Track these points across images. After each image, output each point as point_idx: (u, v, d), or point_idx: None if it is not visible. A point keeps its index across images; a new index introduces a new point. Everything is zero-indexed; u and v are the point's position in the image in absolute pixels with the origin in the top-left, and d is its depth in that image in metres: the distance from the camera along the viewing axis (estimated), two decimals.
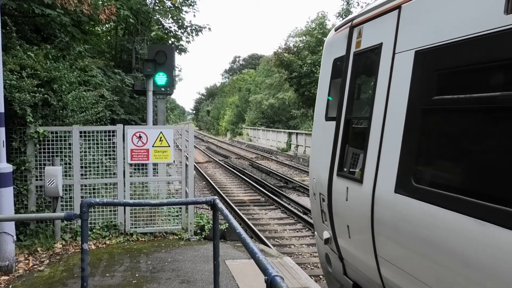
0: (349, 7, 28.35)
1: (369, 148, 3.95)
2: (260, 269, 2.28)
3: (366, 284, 4.40)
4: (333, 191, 4.65)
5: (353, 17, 4.71)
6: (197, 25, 18.72)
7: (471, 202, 2.66)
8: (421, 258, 3.27)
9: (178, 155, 9.77)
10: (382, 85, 3.91)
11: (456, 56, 3.06)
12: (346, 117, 4.54)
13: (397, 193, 3.43)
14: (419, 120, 3.37)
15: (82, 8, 8.90)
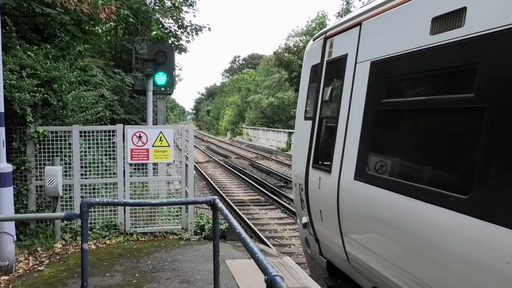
0: (349, 7, 28.33)
1: (336, 143, 4.63)
2: (260, 268, 2.28)
3: (336, 261, 5.11)
4: (309, 181, 5.34)
5: (327, 30, 5.42)
6: (197, 25, 18.73)
7: (404, 184, 3.43)
8: (373, 232, 4.03)
9: (178, 155, 9.76)
10: (347, 89, 4.59)
11: (396, 67, 3.79)
12: (320, 117, 5.26)
13: (355, 180, 4.14)
14: (372, 119, 4.07)
15: (82, 7, 8.90)
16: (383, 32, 4.11)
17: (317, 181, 5.06)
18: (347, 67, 4.67)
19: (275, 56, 35.56)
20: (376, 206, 3.85)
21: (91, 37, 13.87)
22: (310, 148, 5.37)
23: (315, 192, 5.19)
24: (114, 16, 10.33)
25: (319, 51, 5.49)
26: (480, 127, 2.78)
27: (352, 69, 4.55)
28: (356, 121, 4.26)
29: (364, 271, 4.34)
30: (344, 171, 4.39)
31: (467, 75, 3.00)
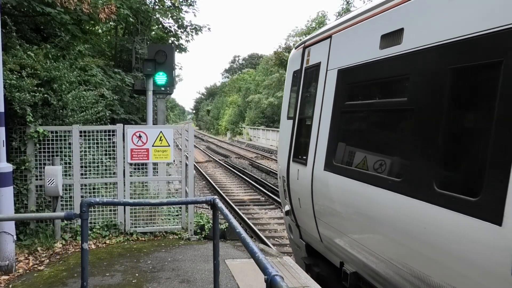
0: (349, 6, 28.34)
1: (311, 139, 5.39)
2: (260, 268, 2.28)
3: (313, 243, 5.85)
4: (290, 173, 6.10)
5: (306, 40, 6.17)
6: (197, 25, 18.75)
7: (359, 172, 4.19)
8: (337, 214, 4.76)
9: (178, 154, 9.76)
10: (320, 93, 5.31)
11: (356, 74, 4.55)
12: (299, 117, 6.05)
13: (325, 170, 4.91)
14: (338, 118, 4.85)
15: (82, 7, 8.90)
16: (347, 44, 4.90)
17: (296, 173, 5.86)
18: (320, 74, 5.42)
19: (275, 56, 35.61)
20: (340, 191, 4.63)
21: (91, 37, 13.88)
22: (291, 145, 6.17)
23: (294, 183, 5.96)
24: (114, 16, 10.33)
25: (299, 59, 6.25)
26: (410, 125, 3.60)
27: (324, 75, 5.29)
28: (326, 120, 5.05)
29: (333, 249, 5.15)
30: (317, 163, 5.18)
31: (403, 83, 3.80)
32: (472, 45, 2.97)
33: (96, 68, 10.66)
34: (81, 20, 10.07)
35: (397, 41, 3.84)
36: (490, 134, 2.76)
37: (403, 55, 3.69)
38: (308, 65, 5.91)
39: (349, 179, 4.36)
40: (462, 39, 3.05)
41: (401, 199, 3.47)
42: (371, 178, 3.97)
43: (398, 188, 3.54)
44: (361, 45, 4.51)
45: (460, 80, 3.17)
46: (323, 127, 5.13)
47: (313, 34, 6.09)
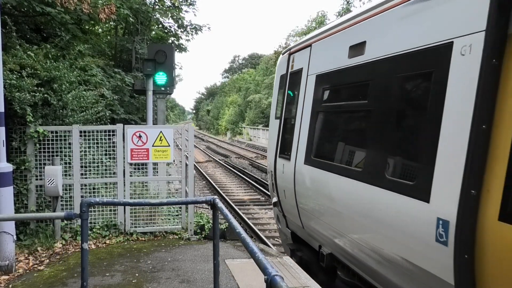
0: (349, 6, 28.33)
1: (294, 137, 6.10)
2: (260, 268, 2.28)
3: (296, 230, 6.52)
4: (276, 168, 6.80)
5: (292, 47, 6.90)
6: (197, 24, 18.77)
7: (330, 164, 4.87)
8: (315, 202, 5.41)
9: (178, 154, 9.76)
10: (301, 95, 6.00)
11: (330, 79, 5.25)
12: (284, 117, 6.75)
13: (305, 164, 5.62)
14: (315, 118, 5.51)
15: (82, 7, 8.90)
16: (324, 52, 5.57)
17: (282, 167, 6.55)
18: (302, 78, 6.09)
19: (276, 56, 35.61)
20: (316, 182, 5.36)
21: (91, 37, 13.89)
22: (277, 142, 6.88)
23: (280, 176, 6.65)
24: (114, 16, 10.34)
25: (285, 64, 6.93)
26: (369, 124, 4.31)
27: (305, 80, 5.96)
28: (306, 120, 5.76)
29: (313, 234, 5.80)
30: (298, 158, 5.88)
31: (365, 88, 4.41)
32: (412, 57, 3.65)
33: (96, 68, 10.65)
34: (81, 20, 10.08)
35: (361, 52, 4.52)
36: (422, 133, 3.48)
37: (365, 64, 4.41)
38: (293, 70, 6.61)
39: (323, 171, 5.08)
40: (405, 52, 3.73)
41: (362, 186, 4.15)
42: (340, 169, 4.68)
43: (360, 177, 4.25)
44: (334, 54, 5.19)
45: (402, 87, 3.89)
46: (304, 126, 5.84)
47: (297, 42, 6.83)
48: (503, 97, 2.85)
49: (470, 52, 3.09)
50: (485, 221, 2.89)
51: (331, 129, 5.36)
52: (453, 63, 3.23)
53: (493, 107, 2.91)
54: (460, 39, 3.19)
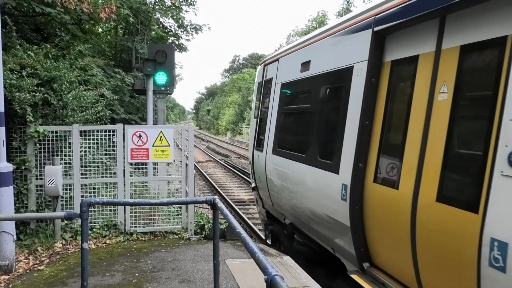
0: (349, 6, 28.32)
1: (266, 133, 7.55)
2: (260, 268, 2.28)
3: (269, 209, 7.98)
4: (254, 158, 8.33)
5: (266, 59, 8.39)
6: (197, 24, 18.76)
7: (286, 153, 6.35)
8: (279, 183, 6.80)
9: (178, 154, 9.76)
10: (271, 100, 7.49)
11: (288, 88, 6.74)
12: (260, 117, 8.28)
13: (272, 154, 7.08)
14: (280, 118, 7.01)
15: (82, 6, 8.90)
16: (286, 66, 7.04)
17: (257, 157, 8.03)
18: (272, 85, 7.58)
19: None
20: (278, 167, 6.82)
21: (91, 37, 13.89)
22: (254, 137, 8.44)
23: (256, 165, 8.13)
24: (114, 16, 10.33)
25: (261, 73, 8.45)
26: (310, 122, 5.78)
27: (274, 87, 7.45)
28: (274, 119, 7.25)
29: (279, 209, 7.24)
30: (268, 149, 7.32)
31: (309, 96, 5.96)
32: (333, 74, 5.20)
33: (96, 68, 10.65)
34: (81, 20, 10.07)
35: (308, 68, 6.00)
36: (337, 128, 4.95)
37: (310, 77, 5.89)
38: (266, 78, 8.11)
39: (283, 158, 6.59)
40: (331, 70, 5.28)
41: (305, 167, 5.67)
42: (293, 156, 6.18)
43: (304, 160, 5.74)
44: (292, 68, 6.63)
45: (327, 95, 5.46)
46: (272, 124, 7.35)
47: (270, 56, 8.31)
48: (378, 103, 4.36)
49: (361, 74, 4.54)
50: (366, 184, 4.40)
51: (289, 126, 6.86)
52: (353, 80, 4.68)
53: (373, 110, 4.40)
54: (356, 64, 4.66)
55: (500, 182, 2.76)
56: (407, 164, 3.82)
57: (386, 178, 4.12)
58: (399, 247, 3.88)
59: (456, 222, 3.16)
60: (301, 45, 6.48)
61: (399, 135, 4.04)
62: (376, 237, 4.36)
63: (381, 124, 4.25)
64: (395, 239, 3.96)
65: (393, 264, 4.19)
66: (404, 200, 3.76)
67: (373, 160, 4.31)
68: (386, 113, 4.25)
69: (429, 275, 3.56)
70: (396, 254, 4.01)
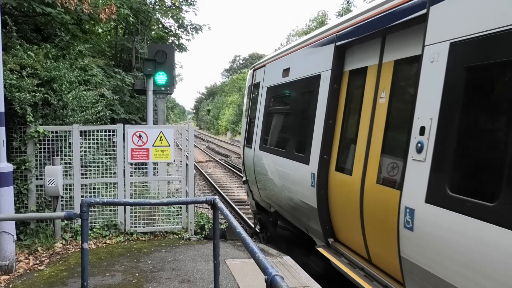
0: (349, 6, 28.31)
1: (254, 132, 8.41)
2: (260, 268, 2.28)
3: (259, 200, 8.81)
4: (244, 154, 9.23)
5: (255, 65, 9.34)
6: (197, 24, 18.77)
7: (272, 149, 7.17)
8: (265, 176, 7.61)
9: (178, 154, 9.77)
10: (259, 101, 8.34)
11: (273, 91, 7.55)
12: (249, 117, 9.24)
13: (259, 150, 7.92)
14: (265, 117, 7.86)
15: (82, 7, 8.90)
16: (271, 71, 7.85)
17: (247, 153, 8.92)
18: (259, 89, 8.46)
19: None
20: (264, 161, 7.66)
21: (91, 37, 13.88)
22: (245, 135, 9.36)
23: (246, 160, 9.06)
24: (114, 16, 10.33)
25: (251, 77, 9.46)
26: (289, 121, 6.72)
27: (261, 90, 8.29)
28: (261, 119, 8.10)
29: (266, 200, 8.08)
30: (256, 146, 8.18)
31: (289, 98, 6.89)
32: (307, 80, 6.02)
33: (96, 68, 10.65)
34: (81, 20, 10.07)
35: (288, 74, 6.83)
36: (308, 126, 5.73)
37: (289, 82, 6.74)
38: (255, 82, 9.04)
39: (268, 153, 7.46)
40: (305, 77, 6.11)
41: (284, 160, 6.55)
42: (275, 151, 7.06)
43: (284, 155, 6.60)
44: (275, 74, 7.51)
45: (302, 98, 6.28)
46: (259, 123, 8.19)
47: (259, 62, 9.16)
48: (339, 105, 5.21)
49: (326, 80, 5.34)
50: (330, 172, 5.25)
51: (273, 125, 7.64)
52: (321, 86, 5.48)
53: (335, 111, 5.26)
54: (323, 73, 5.47)
55: (411, 165, 3.52)
56: (358, 155, 4.68)
57: (343, 167, 5.02)
58: (352, 222, 4.74)
59: (387, 198, 4.01)
60: (283, 53, 7.36)
61: (353, 132, 4.91)
62: (338, 216, 5.23)
63: (341, 123, 5.17)
64: (350, 216, 4.81)
65: (349, 237, 5.10)
66: (355, 184, 4.63)
67: (335, 153, 5.22)
68: (345, 113, 5.14)
69: (371, 241, 4.47)
70: (351, 228, 4.91)
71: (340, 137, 5.13)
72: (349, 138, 5.02)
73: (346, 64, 5.17)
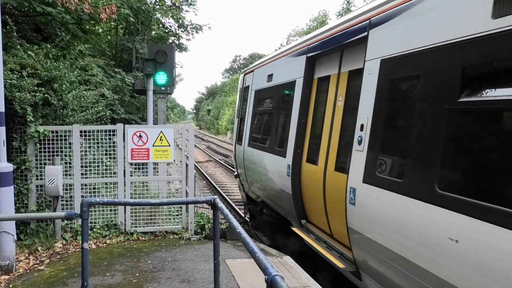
0: (350, 6, 28.31)
1: (244, 130, 9.57)
2: (260, 268, 2.28)
3: (248, 192, 9.89)
4: (235, 151, 10.42)
5: (245, 70, 10.58)
6: (197, 24, 18.76)
7: (257, 145, 8.45)
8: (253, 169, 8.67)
9: (179, 154, 9.76)
10: (248, 103, 9.53)
11: (259, 94, 8.82)
12: (240, 116, 10.41)
13: (248, 146, 9.01)
14: (254, 117, 9.02)
15: (83, 7, 8.90)
16: (258, 76, 9.04)
17: (238, 150, 10.07)
18: (249, 91, 9.65)
19: None
20: (252, 156, 8.73)
21: (91, 37, 13.87)
22: (236, 133, 10.55)
23: (237, 156, 10.20)
24: (114, 16, 10.33)
25: (242, 81, 10.72)
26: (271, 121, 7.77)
27: (250, 93, 9.49)
28: (250, 119, 9.23)
29: (254, 190, 9.22)
30: (245, 143, 9.31)
31: (272, 100, 7.85)
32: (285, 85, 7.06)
33: (97, 68, 10.65)
34: (81, 20, 10.07)
35: (271, 79, 7.93)
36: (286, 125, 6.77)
37: (272, 87, 7.83)
38: (245, 85, 10.24)
39: (254, 149, 8.58)
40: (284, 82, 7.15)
41: (268, 155, 7.58)
42: (260, 147, 8.11)
43: (267, 150, 7.63)
44: (261, 78, 8.65)
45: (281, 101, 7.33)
46: (248, 122, 9.34)
47: (249, 67, 10.40)
48: (310, 107, 6.23)
49: (299, 86, 6.34)
50: (302, 163, 6.26)
51: (259, 124, 8.73)
52: (295, 90, 6.48)
53: (307, 112, 6.27)
54: (298, 79, 6.47)
55: (354, 154, 4.50)
56: (322, 148, 5.68)
57: (312, 159, 6.00)
58: (318, 204, 5.76)
59: (340, 181, 4.92)
60: (268, 60, 8.49)
61: (319, 129, 5.89)
62: (308, 200, 6.25)
63: (311, 122, 6.21)
64: (316, 199, 5.82)
65: (317, 217, 6.10)
66: (320, 172, 5.62)
67: (306, 147, 6.25)
68: (313, 114, 6.16)
69: (332, 219, 5.43)
70: (318, 210, 5.89)
71: (310, 134, 6.17)
72: (316, 134, 6.00)
73: (315, 72, 6.24)
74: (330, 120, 5.51)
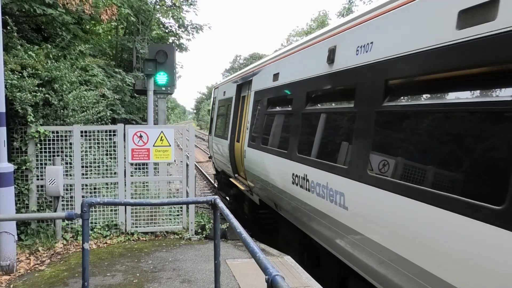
0: (351, 6, 28.30)
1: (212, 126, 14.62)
2: (260, 268, 2.28)
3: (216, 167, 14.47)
4: (209, 140, 15.68)
5: (215, 85, 16.23)
6: (197, 24, 18.77)
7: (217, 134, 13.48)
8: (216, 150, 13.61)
9: (179, 154, 9.78)
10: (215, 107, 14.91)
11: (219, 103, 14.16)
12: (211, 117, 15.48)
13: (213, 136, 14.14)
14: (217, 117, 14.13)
15: (83, 7, 8.90)
16: (220, 91, 14.05)
17: (210, 139, 14.95)
18: (215, 101, 14.81)
19: None
20: (215, 142, 13.45)
21: (92, 37, 13.88)
22: (209, 128, 15.27)
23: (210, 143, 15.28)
24: (115, 17, 10.35)
25: (214, 92, 15.66)
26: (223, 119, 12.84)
27: (216, 101, 14.75)
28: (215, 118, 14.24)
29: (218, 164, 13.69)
30: (212, 133, 14.26)
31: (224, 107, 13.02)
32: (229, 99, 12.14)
33: (97, 68, 10.66)
34: (82, 19, 10.07)
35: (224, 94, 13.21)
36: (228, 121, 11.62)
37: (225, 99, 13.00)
38: (214, 96, 15.22)
39: (215, 137, 13.26)
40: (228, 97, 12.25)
41: (220, 139, 12.35)
42: (218, 135, 12.77)
43: (220, 136, 12.43)
44: (221, 92, 13.57)
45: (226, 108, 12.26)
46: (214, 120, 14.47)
47: (218, 83, 15.28)
48: (239, 113, 10.69)
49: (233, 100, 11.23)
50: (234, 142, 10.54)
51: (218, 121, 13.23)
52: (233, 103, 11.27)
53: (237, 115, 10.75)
54: (233, 96, 11.20)
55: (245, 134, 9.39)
56: (241, 134, 9.68)
57: (238, 140, 10.03)
58: (240, 163, 9.65)
59: (242, 148, 9.32)
60: (225, 82, 13.54)
61: (240, 124, 9.99)
62: (237, 162, 10.10)
63: (238, 120, 10.30)
64: (239, 160, 9.82)
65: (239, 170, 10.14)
66: (241, 147, 9.45)
67: (236, 133, 10.40)
68: (240, 116, 10.15)
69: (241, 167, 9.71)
70: (240, 166, 9.79)
71: (238, 126, 10.28)
72: (240, 127, 10.10)
73: (241, 93, 10.66)
74: (244, 120, 9.76)
